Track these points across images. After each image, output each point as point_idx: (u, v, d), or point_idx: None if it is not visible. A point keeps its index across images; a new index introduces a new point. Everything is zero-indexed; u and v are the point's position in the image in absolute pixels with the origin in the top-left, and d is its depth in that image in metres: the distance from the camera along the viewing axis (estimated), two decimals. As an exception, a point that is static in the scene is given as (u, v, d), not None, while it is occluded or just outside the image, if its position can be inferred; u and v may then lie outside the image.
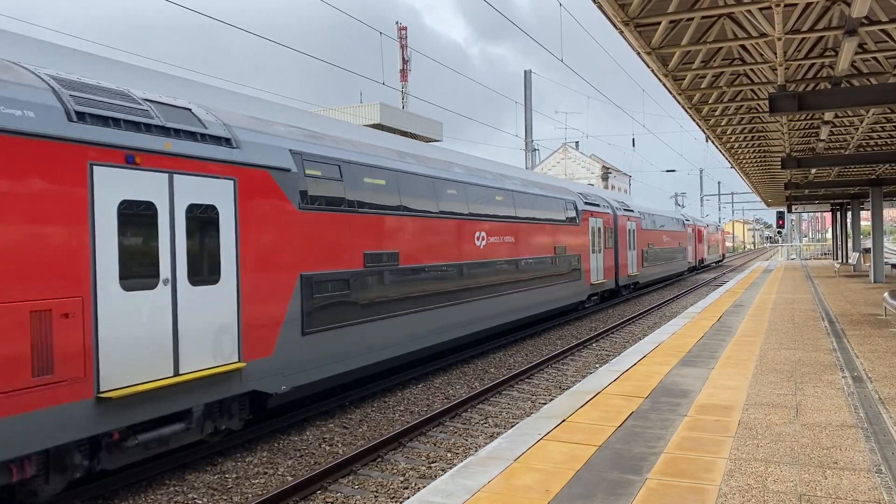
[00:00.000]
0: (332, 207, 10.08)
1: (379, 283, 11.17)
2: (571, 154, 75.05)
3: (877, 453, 5.17)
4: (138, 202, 7.23)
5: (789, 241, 65.63)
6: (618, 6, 8.24)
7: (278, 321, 9.00)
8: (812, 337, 10.87)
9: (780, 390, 7.21)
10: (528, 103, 39.45)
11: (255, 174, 8.71)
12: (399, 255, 11.72)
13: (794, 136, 17.32)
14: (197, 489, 7.65)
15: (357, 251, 10.62)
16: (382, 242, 11.29)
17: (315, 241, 9.71)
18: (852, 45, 8.38)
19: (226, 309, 8.19)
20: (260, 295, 8.71)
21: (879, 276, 23.07)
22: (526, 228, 16.98)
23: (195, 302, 7.80)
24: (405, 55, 63.03)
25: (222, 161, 8.23)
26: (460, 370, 14.15)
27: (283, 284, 9.11)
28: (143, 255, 7.26)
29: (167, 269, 7.52)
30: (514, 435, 5.77)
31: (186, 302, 7.69)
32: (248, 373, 8.47)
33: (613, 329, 19.51)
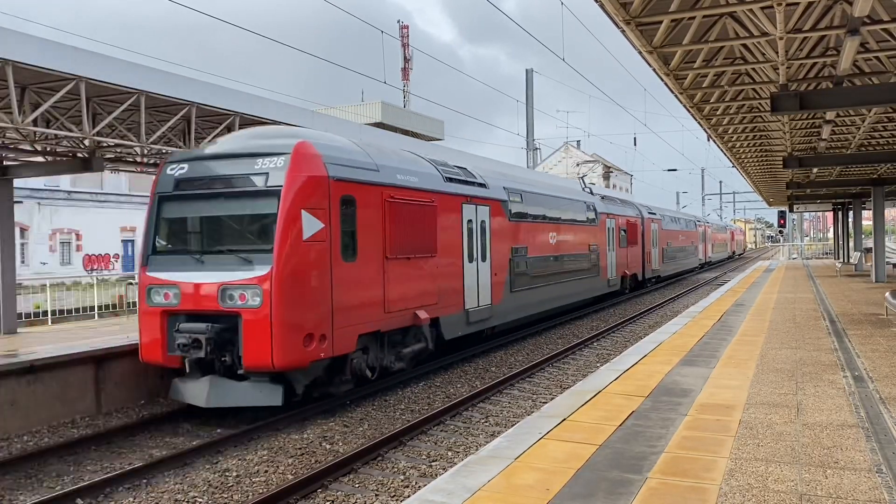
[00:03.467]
0: (520, 218, 17.37)
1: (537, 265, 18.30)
2: (573, 153, 75.02)
3: (877, 453, 5.16)
4: (469, 220, 14.65)
5: (791, 241, 65.58)
6: (619, 5, 8.22)
7: (502, 282, 16.14)
8: (813, 336, 10.86)
9: (781, 390, 7.21)
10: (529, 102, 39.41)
11: (495, 202, 15.95)
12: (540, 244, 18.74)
13: (795, 135, 17.29)
14: (198, 487, 7.66)
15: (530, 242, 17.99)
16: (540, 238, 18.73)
17: (515, 238, 17.05)
18: (854, 45, 8.37)
19: (487, 274, 15.48)
20: (498, 266, 15.98)
21: (881, 276, 23.04)
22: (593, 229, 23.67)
23: (482, 271, 15.23)
24: (407, 54, 63.00)
25: (485, 197, 15.53)
26: (461, 369, 14.14)
27: (504, 262, 16.34)
28: (471, 245, 14.65)
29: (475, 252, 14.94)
30: (515, 434, 5.77)
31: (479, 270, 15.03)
32: (493, 311, 15.69)
33: (614, 328, 19.50)
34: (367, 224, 11.04)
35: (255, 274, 9.51)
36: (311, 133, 11.24)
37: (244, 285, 9.54)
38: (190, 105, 12.42)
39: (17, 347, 11.59)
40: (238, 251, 9.87)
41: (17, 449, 9.27)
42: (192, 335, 9.64)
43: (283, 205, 9.61)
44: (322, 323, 9.94)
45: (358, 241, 10.82)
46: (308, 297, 9.76)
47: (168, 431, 10.05)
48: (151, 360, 10.35)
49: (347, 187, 10.61)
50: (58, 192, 41.65)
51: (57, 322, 17.42)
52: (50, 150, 14.20)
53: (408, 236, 12.20)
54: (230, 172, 10.12)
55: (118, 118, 12.62)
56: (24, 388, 10.06)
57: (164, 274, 10.18)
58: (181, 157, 10.71)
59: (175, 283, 10.01)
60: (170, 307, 10.05)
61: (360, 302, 10.82)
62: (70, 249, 41.91)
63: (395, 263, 11.76)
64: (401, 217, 11.98)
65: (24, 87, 10.88)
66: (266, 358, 9.37)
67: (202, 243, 10.32)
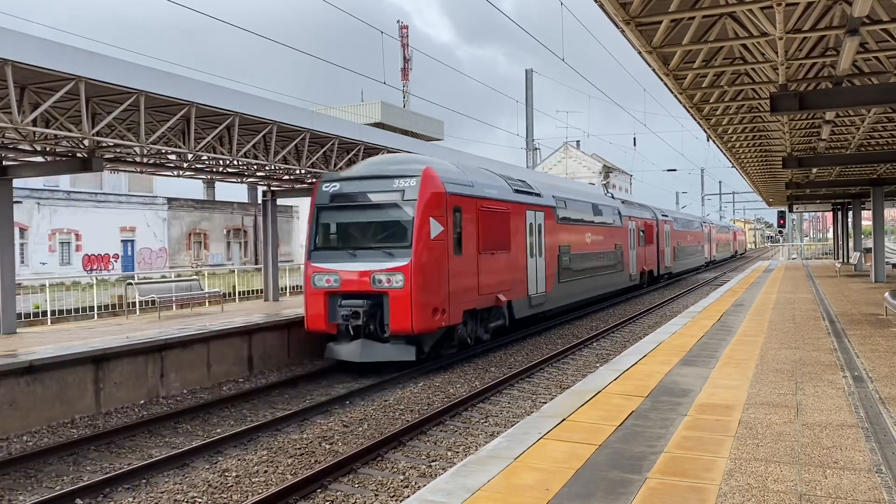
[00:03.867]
0: (565, 221, 20.67)
1: (577, 260, 21.64)
2: (572, 153, 74.99)
3: (877, 453, 5.16)
4: (530, 223, 17.87)
5: (790, 241, 65.57)
6: (619, 5, 8.22)
7: (553, 274, 19.42)
8: (813, 336, 10.86)
9: (781, 390, 7.21)
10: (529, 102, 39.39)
11: (547, 209, 19.17)
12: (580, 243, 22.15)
13: (795, 135, 17.29)
14: (197, 487, 7.66)
15: (572, 241, 21.35)
16: (580, 238, 22.16)
17: (562, 238, 20.36)
18: (854, 45, 8.37)
19: (543, 267, 18.64)
20: (550, 261, 19.23)
21: (880, 276, 23.04)
22: (618, 230, 26.98)
23: (539, 264, 18.36)
24: (406, 54, 62.98)
25: (540, 204, 18.70)
26: (461, 369, 14.14)
27: (554, 258, 19.55)
28: (531, 244, 17.82)
29: (534, 249, 18.07)
30: (515, 434, 5.77)
31: (536, 264, 18.15)
32: (546, 297, 18.88)
33: (614, 328, 19.50)
34: (468, 227, 14.54)
35: (398, 264, 12.98)
36: (431, 159, 15.13)
37: (390, 272, 13.00)
38: (189, 105, 12.42)
39: (17, 348, 11.58)
40: (383, 248, 13.32)
41: (16, 449, 9.27)
42: (352, 308, 13.06)
43: (417, 213, 13.17)
44: (443, 300, 13.47)
45: (463, 240, 14.29)
46: (435, 281, 13.33)
47: (168, 431, 10.05)
48: (315, 328, 13.71)
49: (456, 200, 14.13)
50: (57, 192, 41.64)
51: (56, 322, 17.41)
52: (49, 150, 14.19)
53: (492, 236, 15.60)
54: (374, 189, 13.64)
55: (118, 118, 12.62)
56: (23, 388, 10.06)
57: (325, 265, 13.62)
58: (333, 178, 14.27)
59: (335, 272, 13.46)
60: (330, 289, 13.44)
61: (465, 286, 14.30)
62: (69, 249, 41.90)
63: (484, 257, 15.23)
64: (488, 221, 15.42)
65: (24, 86, 10.87)
66: (407, 325, 12.84)
67: (354, 242, 13.75)
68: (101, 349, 11.22)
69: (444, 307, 13.49)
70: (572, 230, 21.48)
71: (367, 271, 13.18)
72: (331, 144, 16.93)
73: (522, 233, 17.48)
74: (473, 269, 14.67)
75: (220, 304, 18.98)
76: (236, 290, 22.77)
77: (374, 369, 13.58)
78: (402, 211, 13.35)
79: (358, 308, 13.03)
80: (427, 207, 13.29)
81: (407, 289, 12.85)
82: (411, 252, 12.99)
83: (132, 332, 13.28)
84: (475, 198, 14.92)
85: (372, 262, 13.23)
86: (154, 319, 16.01)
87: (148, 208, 46.82)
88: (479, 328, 15.49)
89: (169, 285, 17.63)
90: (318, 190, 14.22)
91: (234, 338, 13.80)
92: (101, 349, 11.21)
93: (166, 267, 46.14)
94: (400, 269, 12.93)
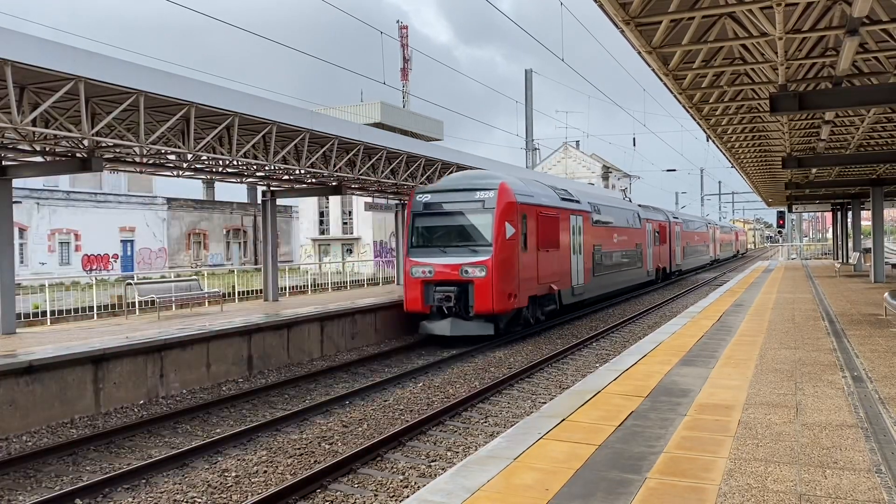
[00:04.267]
0: (597, 224, 23.86)
1: (607, 258, 25.21)
2: (572, 153, 74.97)
3: (877, 453, 5.16)
4: (572, 226, 21.26)
5: (790, 241, 65.55)
6: (618, 5, 8.21)
7: (589, 268, 22.63)
8: (812, 337, 10.86)
9: (781, 390, 7.21)
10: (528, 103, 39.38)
11: (585, 213, 22.32)
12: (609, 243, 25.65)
13: (794, 135, 17.29)
14: (197, 487, 7.65)
15: (603, 241, 24.73)
16: (609, 238, 25.57)
17: (595, 238, 23.52)
18: (853, 45, 8.36)
19: (582, 263, 21.85)
20: (587, 258, 22.25)
21: (880, 276, 23.04)
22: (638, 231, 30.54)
23: (579, 260, 21.69)
24: (406, 54, 62.94)
25: (580, 210, 21.74)
26: (460, 369, 14.14)
27: (590, 255, 22.65)
28: (573, 243, 21.20)
29: (576, 248, 21.46)
30: (514, 434, 5.77)
31: (577, 260, 21.64)
32: (584, 288, 22.05)
33: (613, 328, 19.50)
34: (531, 229, 17.98)
35: (481, 258, 16.42)
36: (503, 175, 18.50)
37: (475, 265, 16.41)
38: (189, 105, 12.41)
39: (16, 348, 11.58)
40: (468, 245, 16.81)
41: (16, 449, 9.26)
42: (445, 293, 16.50)
43: (495, 218, 16.66)
44: (515, 288, 17.01)
45: (527, 239, 17.75)
46: (509, 272, 16.77)
47: (167, 431, 10.05)
48: (413, 309, 17.21)
49: (523, 207, 17.59)
50: (56, 193, 41.62)
51: (55, 322, 17.40)
52: (49, 150, 14.18)
53: (547, 237, 19.17)
54: (460, 199, 17.15)
55: (117, 118, 12.60)
56: (22, 388, 10.05)
57: (421, 259, 17.14)
58: (425, 190, 17.93)
59: (430, 264, 16.93)
60: (426, 278, 16.89)
61: (529, 277, 17.91)
62: (69, 249, 41.88)
63: (542, 254, 18.79)
64: (544, 225, 18.95)
65: (23, 86, 10.86)
66: (489, 307, 16.28)
67: (444, 241, 17.21)
68: (101, 349, 11.22)
69: (516, 293, 17.16)
70: (603, 232, 25.12)
71: (456, 264, 16.62)
72: (330, 144, 16.92)
73: (567, 234, 21.01)
74: (535, 263, 18.36)
75: (220, 304, 18.98)
76: (236, 290, 22.77)
77: (457, 342, 16.84)
78: (484, 216, 16.84)
79: (450, 293, 16.45)
80: (503, 214, 16.80)
81: (488, 278, 16.33)
82: (491, 249, 16.51)
83: (131, 332, 13.28)
84: (535, 205, 18.52)
85: (460, 256, 16.70)
86: (153, 319, 16.00)
87: (147, 208, 46.81)
88: (538, 311, 19.23)
89: (168, 285, 17.62)
90: (413, 200, 17.81)
91: (235, 337, 13.81)
92: (100, 349, 11.21)
93: (166, 267, 46.13)
94: (483, 263, 16.42)
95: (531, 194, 18.61)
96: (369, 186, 23.25)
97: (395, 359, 15.73)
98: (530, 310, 18.54)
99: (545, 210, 19.20)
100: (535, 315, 19.09)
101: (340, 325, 16.89)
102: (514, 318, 17.87)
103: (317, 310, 16.84)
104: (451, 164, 22.53)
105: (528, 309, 18.38)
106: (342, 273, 36.20)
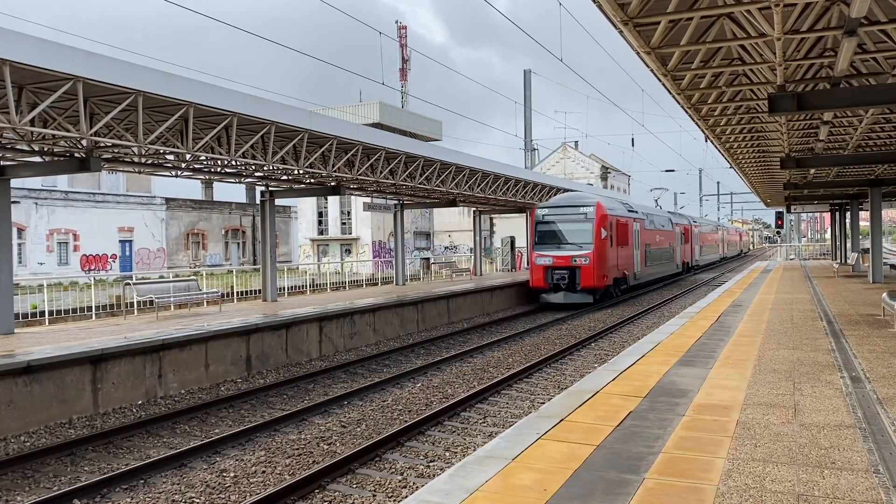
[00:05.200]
0: (646, 227, 32.48)
1: (652, 253, 33.58)
2: (571, 154, 74.98)
3: (874, 453, 5.17)
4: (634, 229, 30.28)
5: (788, 242, 65.59)
6: (617, 6, 8.21)
7: (643, 261, 31.87)
8: (810, 337, 10.86)
9: (779, 390, 7.21)
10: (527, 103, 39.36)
11: (640, 220, 31.62)
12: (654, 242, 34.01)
13: (793, 136, 17.30)
14: (195, 488, 7.65)
15: (650, 241, 33.16)
16: (653, 239, 34.09)
17: (645, 239, 32.28)
18: (851, 46, 8.37)
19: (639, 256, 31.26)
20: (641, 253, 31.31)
21: (878, 277, 23.05)
22: (671, 233, 38.76)
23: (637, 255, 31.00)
24: (405, 54, 62.94)
25: (637, 218, 31.10)
26: (459, 370, 14.15)
27: (643, 250, 31.68)
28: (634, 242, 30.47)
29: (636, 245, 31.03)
30: (513, 434, 5.77)
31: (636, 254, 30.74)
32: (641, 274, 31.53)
33: (612, 329, 19.51)
34: (612, 232, 25.86)
35: (585, 252, 24.71)
36: (597, 197, 27.32)
37: (581, 256, 24.66)
38: (188, 105, 12.40)
39: (14, 348, 11.56)
40: (577, 243, 25.04)
41: (14, 449, 9.25)
42: (561, 275, 24.84)
43: (595, 225, 24.99)
44: (606, 271, 25.05)
45: (613, 239, 26.04)
46: (604, 262, 24.89)
47: (166, 431, 10.04)
48: (537, 286, 25.47)
49: (609, 218, 25.83)
50: (55, 193, 41.58)
51: (54, 322, 17.39)
52: (47, 150, 14.16)
53: (621, 238, 27.16)
54: (569, 213, 25.68)
55: (116, 118, 12.58)
56: (20, 388, 10.04)
57: (543, 252, 25.48)
58: (544, 206, 26.64)
59: (550, 256, 25.21)
60: (547, 265, 25.17)
61: (612, 265, 25.95)
62: (67, 250, 41.84)
63: (619, 250, 27.05)
64: (619, 229, 27.05)
65: (22, 86, 10.85)
66: (591, 283, 24.52)
67: (559, 240, 25.51)
68: (99, 349, 11.21)
69: (606, 275, 25.62)
70: (651, 234, 33.68)
71: (568, 256, 25.11)
72: (329, 145, 16.92)
73: (632, 236, 29.39)
74: (616, 256, 26.81)
75: (219, 305, 18.97)
76: (234, 291, 22.75)
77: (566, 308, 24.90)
78: (587, 224, 25.38)
79: (564, 274, 25.07)
80: (599, 222, 25.34)
81: (591, 265, 24.75)
82: (592, 246, 25.00)
83: (130, 333, 13.27)
84: (615, 216, 26.88)
85: (570, 251, 25.21)
86: (152, 320, 15.99)
87: (146, 208, 46.77)
88: (617, 289, 27.94)
89: (167, 285, 17.60)
90: (535, 212, 26.78)
91: (233, 337, 13.80)
92: (98, 349, 11.20)
93: (164, 267, 46.10)
94: (587, 255, 24.92)
95: (613, 208, 27.32)
96: (368, 186, 23.24)
97: (394, 359, 15.74)
98: (613, 287, 27.30)
99: (620, 219, 27.66)
100: (615, 291, 27.96)
101: (339, 324, 16.89)
102: (604, 292, 26.34)
103: (315, 310, 16.84)
104: (449, 165, 22.52)
105: (612, 286, 27.06)
106: (341, 273, 36.20)
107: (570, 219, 25.66)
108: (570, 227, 25.57)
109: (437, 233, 63.44)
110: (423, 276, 34.88)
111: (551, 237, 25.74)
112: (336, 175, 18.79)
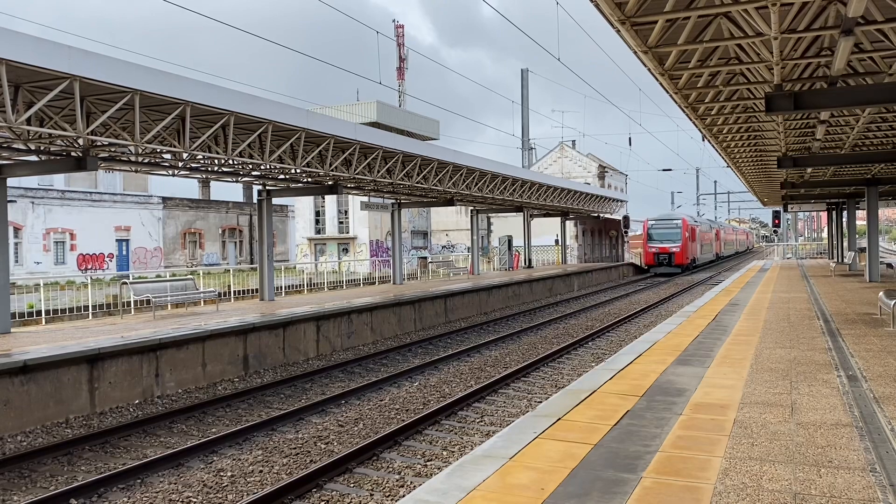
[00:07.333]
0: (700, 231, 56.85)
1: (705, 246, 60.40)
2: (568, 153, 75.01)
3: (871, 452, 5.18)
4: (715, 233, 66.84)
5: (785, 241, 65.75)
6: (614, 5, 8.22)
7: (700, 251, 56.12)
8: (807, 336, 10.88)
9: (776, 389, 7.22)
10: (525, 103, 39.35)
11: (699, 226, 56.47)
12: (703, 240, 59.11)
13: (789, 135, 17.33)
14: (192, 487, 7.64)
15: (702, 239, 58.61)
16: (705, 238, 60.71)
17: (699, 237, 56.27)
18: (848, 45, 8.38)
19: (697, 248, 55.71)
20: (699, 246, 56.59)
21: (875, 276, 23.10)
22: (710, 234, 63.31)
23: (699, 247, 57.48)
24: (402, 53, 62.90)
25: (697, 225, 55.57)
26: (456, 369, 14.15)
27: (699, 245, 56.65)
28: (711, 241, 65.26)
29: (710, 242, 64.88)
30: (510, 433, 5.77)
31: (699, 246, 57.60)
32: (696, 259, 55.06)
33: (609, 328, 19.53)
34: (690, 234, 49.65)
35: (677, 244, 48.42)
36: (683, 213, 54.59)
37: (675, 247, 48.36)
38: (185, 104, 12.38)
39: (11, 347, 11.54)
40: (671, 240, 48.55)
41: (10, 449, 9.23)
42: (664, 257, 48.63)
43: (682, 231, 48.75)
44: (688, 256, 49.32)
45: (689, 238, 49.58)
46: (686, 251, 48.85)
47: (163, 431, 10.02)
48: (649, 263, 49.29)
49: (692, 227, 50.88)
50: (52, 192, 41.48)
51: (51, 322, 17.36)
52: (44, 149, 14.13)
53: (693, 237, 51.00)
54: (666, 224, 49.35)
55: (112, 117, 12.56)
56: (17, 387, 10.02)
57: (652, 245, 49.07)
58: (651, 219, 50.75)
59: (657, 247, 48.88)
60: (655, 252, 48.95)
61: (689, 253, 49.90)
62: (64, 249, 41.75)
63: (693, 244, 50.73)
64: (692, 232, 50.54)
65: (18, 85, 10.82)
66: (682, 261, 48.50)
67: (661, 238, 48.90)
68: (96, 349, 11.19)
69: (688, 257, 48.49)
70: (701, 235, 53.35)
71: (667, 247, 47.72)
72: (326, 144, 16.91)
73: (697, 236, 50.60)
74: (690, 248, 49.07)
75: (216, 304, 18.95)
76: (231, 290, 22.73)
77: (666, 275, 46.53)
78: (678, 230, 47.88)
79: (665, 257, 47.76)
80: (684, 229, 47.75)
81: (681, 252, 47.52)
82: (681, 242, 47.51)
83: (127, 332, 13.25)
84: (691, 225, 49.80)
85: (668, 244, 47.75)
86: (149, 319, 15.97)
87: (143, 207, 46.68)
88: (692, 266, 49.78)
89: (164, 285, 17.58)
90: (647, 223, 49.33)
91: (230, 337, 13.78)
92: (95, 349, 11.18)
93: (161, 266, 46.01)
94: (678, 246, 47.51)
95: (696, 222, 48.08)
96: (365, 186, 23.23)
97: (391, 358, 15.73)
98: (691, 265, 48.57)
99: (694, 227, 49.39)
100: (691, 267, 48.83)
101: (336, 324, 16.89)
102: (685, 267, 47.14)
103: (313, 309, 16.83)
104: (447, 164, 22.52)
105: (691, 264, 48.26)
106: (338, 272, 36.17)
107: (666, 226, 48.19)
108: (667, 232, 47.89)
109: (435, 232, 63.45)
110: (420, 275, 34.89)
111: (658, 237, 48.17)
112: (333, 174, 18.78)
